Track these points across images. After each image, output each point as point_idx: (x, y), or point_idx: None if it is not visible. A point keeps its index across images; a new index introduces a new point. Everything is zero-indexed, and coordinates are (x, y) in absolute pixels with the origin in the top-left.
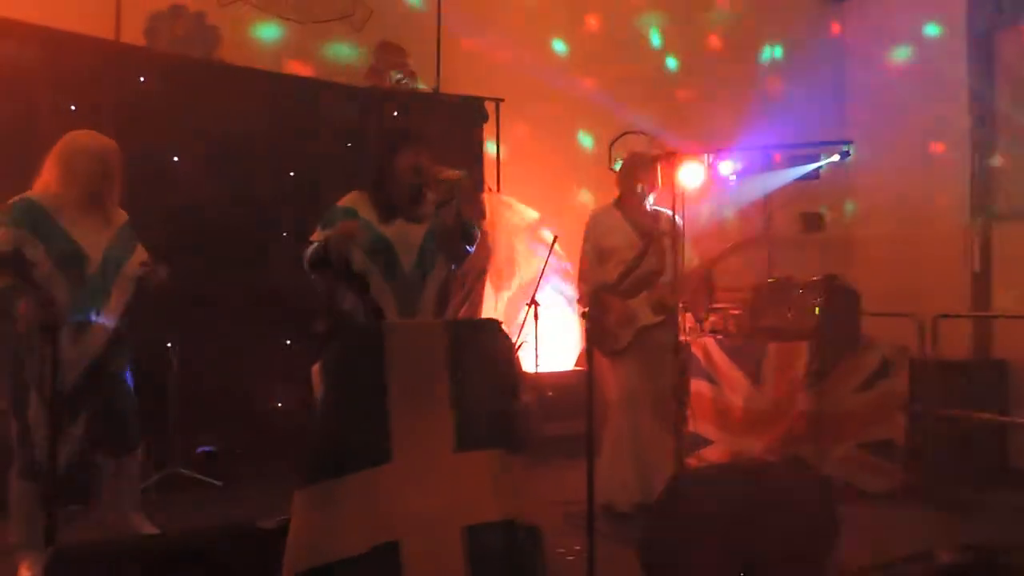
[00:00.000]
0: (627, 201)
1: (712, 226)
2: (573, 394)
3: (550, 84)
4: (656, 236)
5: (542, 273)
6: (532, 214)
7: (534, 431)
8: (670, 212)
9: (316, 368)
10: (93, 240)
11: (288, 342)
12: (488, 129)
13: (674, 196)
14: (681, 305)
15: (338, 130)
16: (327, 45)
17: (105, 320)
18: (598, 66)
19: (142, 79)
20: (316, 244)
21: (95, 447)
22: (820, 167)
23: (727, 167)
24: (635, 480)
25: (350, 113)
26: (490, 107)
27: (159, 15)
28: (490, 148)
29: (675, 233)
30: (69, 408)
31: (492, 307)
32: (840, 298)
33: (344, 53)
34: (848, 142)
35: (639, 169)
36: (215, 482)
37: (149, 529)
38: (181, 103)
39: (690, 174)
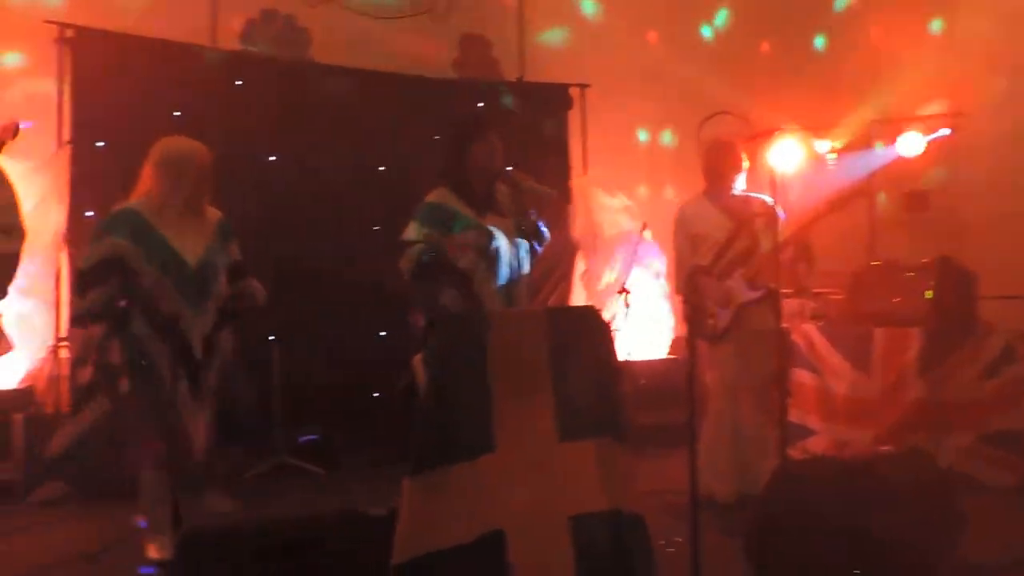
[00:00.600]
0: (714, 188)
1: (810, 207)
2: (665, 382)
3: (638, 67)
4: (747, 217)
5: (632, 260)
6: (621, 201)
7: (628, 420)
8: (763, 196)
9: (417, 358)
10: (191, 244)
11: (383, 333)
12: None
13: (772, 178)
14: (778, 285)
15: (425, 123)
16: (412, 39)
17: (203, 319)
18: (687, 47)
19: (239, 82)
20: (420, 248)
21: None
22: (925, 142)
23: (825, 146)
24: (734, 470)
25: (436, 106)
26: (576, 93)
27: (253, 20)
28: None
29: (768, 214)
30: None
31: (582, 295)
32: (954, 281)
33: (429, 47)
34: (956, 114)
35: (720, 154)
36: (318, 470)
37: (221, 507)
38: (276, 104)
39: (785, 154)
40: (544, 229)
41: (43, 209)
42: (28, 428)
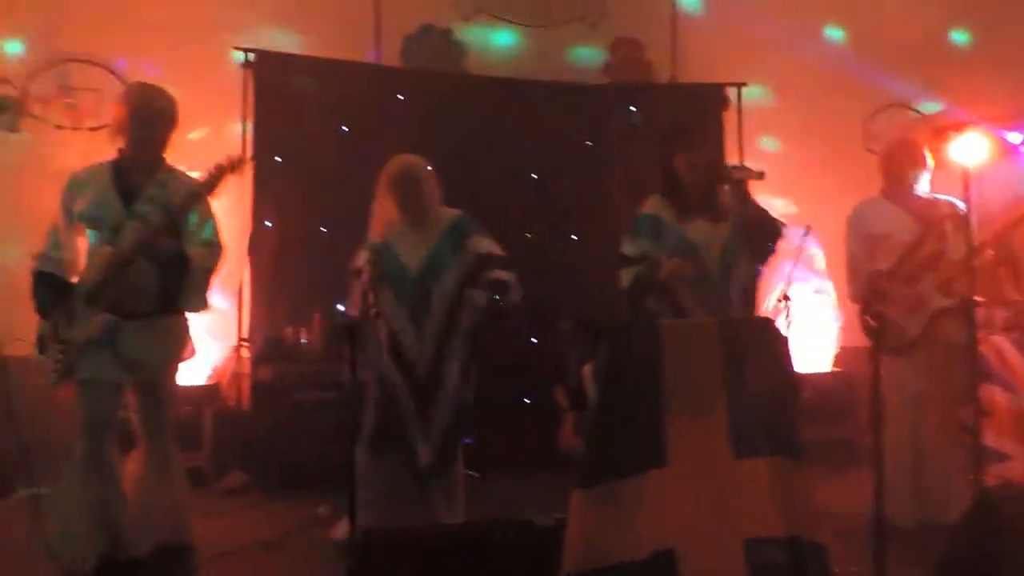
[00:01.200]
0: (895, 188)
1: (1008, 206)
2: (831, 397)
3: (800, 62)
4: (935, 219)
5: (794, 266)
6: (782, 204)
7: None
8: (950, 198)
9: (587, 368)
10: (412, 254)
11: (533, 340)
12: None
13: (964, 175)
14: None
15: (580, 130)
16: (565, 47)
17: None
18: (855, 36)
19: (400, 97)
20: (637, 272)
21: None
22: None
23: (1018, 138)
24: (916, 495)
25: (588, 112)
26: (733, 93)
27: (411, 36)
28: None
29: (957, 217)
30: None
31: None
32: None
33: (582, 53)
34: None
35: (902, 151)
36: (474, 474)
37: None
38: (436, 117)
39: (972, 150)
40: (779, 226)
41: (229, 220)
42: (215, 421)
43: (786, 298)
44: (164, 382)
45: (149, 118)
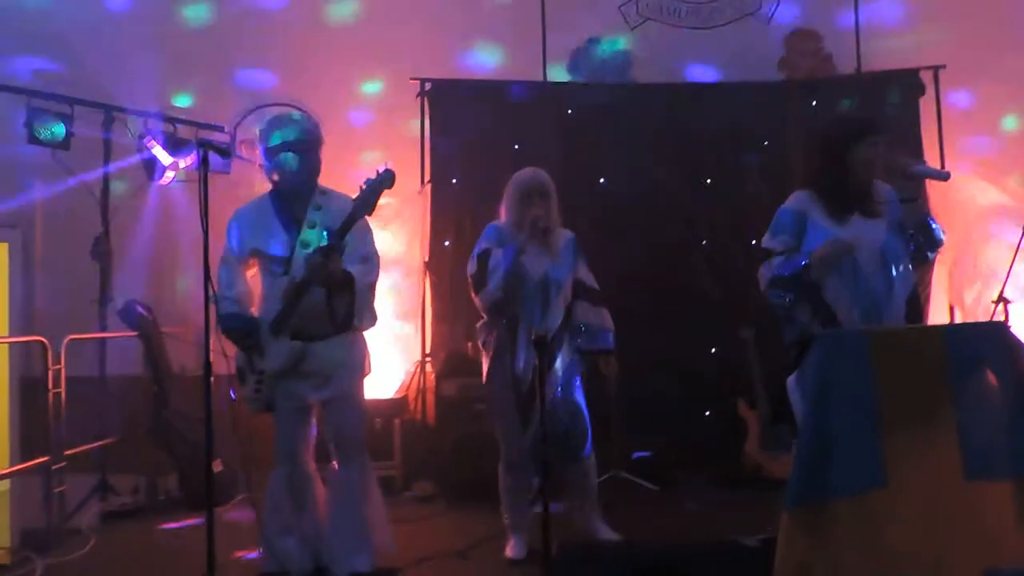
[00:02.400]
0: None
1: None
2: None
3: (1008, 36)
4: None
5: (1012, 264)
6: (997, 195)
7: None
8: None
9: (792, 379)
10: (534, 262)
11: (713, 350)
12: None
13: None
14: None
15: (755, 130)
16: (736, 46)
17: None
18: None
19: (570, 111)
20: (779, 262)
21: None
22: None
23: None
24: None
25: (767, 111)
26: (928, 78)
27: (578, 50)
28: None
29: None
30: (524, 412)
31: (944, 308)
32: None
33: (754, 49)
34: None
35: None
36: (652, 486)
37: (608, 535)
38: (604, 127)
39: None
40: (937, 228)
41: (412, 241)
42: (404, 432)
43: (1003, 299)
44: (352, 398)
45: (305, 151)
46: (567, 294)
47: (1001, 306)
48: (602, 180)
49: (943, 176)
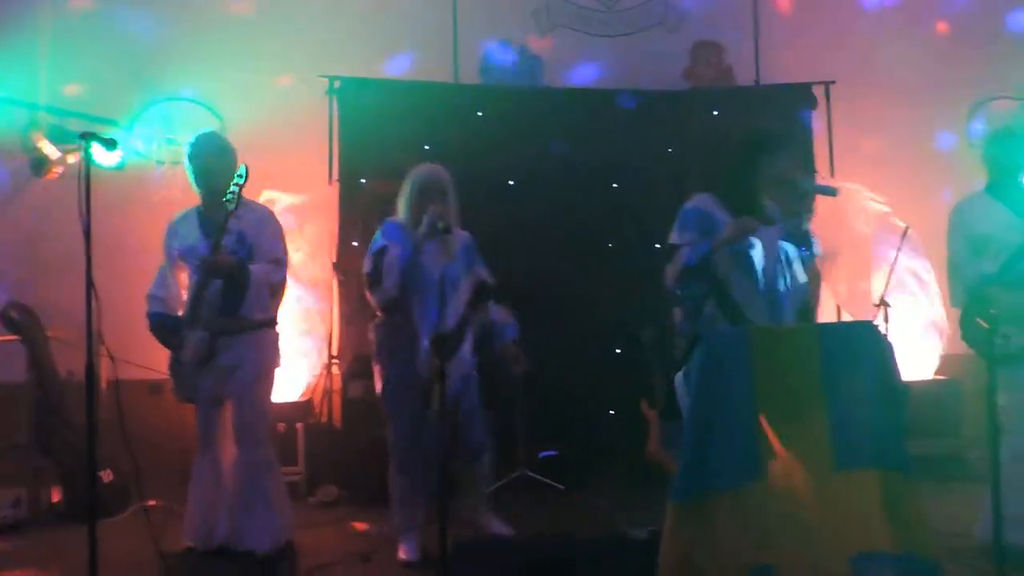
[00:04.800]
0: (1001, 182)
1: None
2: (934, 407)
3: (892, 56)
4: None
5: (892, 270)
6: (880, 206)
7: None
8: None
9: (679, 377)
10: (431, 260)
11: (618, 351)
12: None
13: None
14: None
15: (660, 136)
16: (644, 54)
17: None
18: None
19: (480, 113)
20: (687, 251)
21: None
22: None
23: None
24: None
25: (670, 118)
26: (820, 92)
27: (489, 53)
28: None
29: None
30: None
31: (832, 309)
32: None
33: (661, 59)
34: None
35: (1008, 143)
36: (558, 486)
37: (501, 530)
38: (513, 130)
39: None
40: (814, 240)
41: (320, 242)
42: (308, 436)
43: (884, 303)
44: (256, 392)
45: (208, 168)
46: (463, 293)
47: (882, 309)
48: (511, 182)
49: (832, 192)
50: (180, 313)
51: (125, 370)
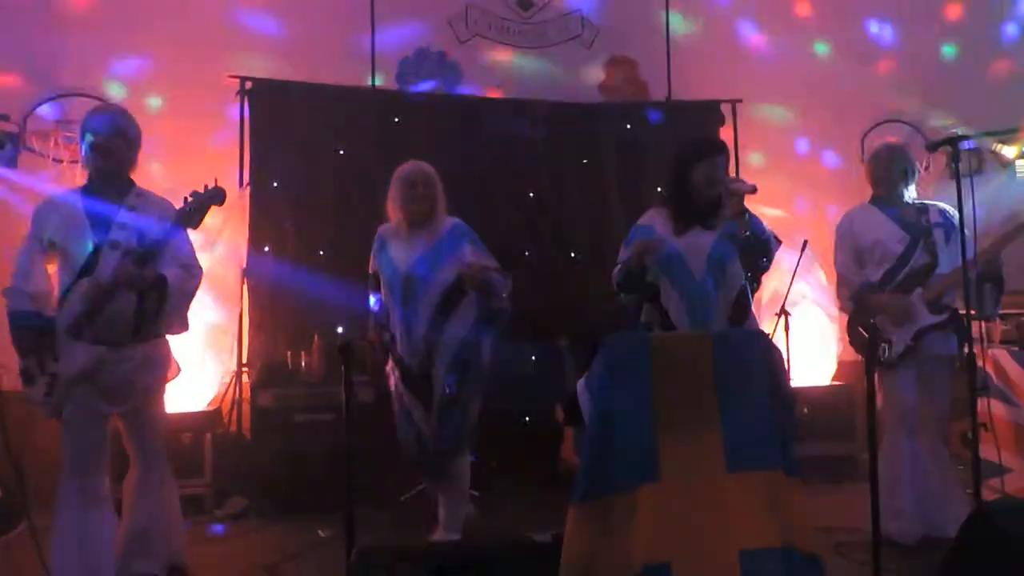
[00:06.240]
0: (883, 196)
1: (999, 220)
2: (830, 411)
3: (795, 79)
4: (925, 228)
5: (792, 280)
6: (783, 214)
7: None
8: (941, 204)
9: (581, 382)
10: (406, 253)
11: (533, 357)
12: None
13: (957, 186)
14: (964, 307)
15: (575, 148)
16: (561, 67)
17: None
18: (852, 56)
19: (396, 119)
20: (620, 265)
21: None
22: None
23: (1013, 151)
24: (916, 509)
25: (584, 130)
26: (728, 110)
27: (407, 59)
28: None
29: (949, 226)
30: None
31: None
32: None
33: (578, 72)
34: None
35: (889, 157)
36: (474, 491)
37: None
38: (429, 137)
39: (966, 161)
40: (769, 233)
41: (228, 247)
42: (215, 446)
43: (784, 312)
44: (150, 407)
45: (109, 142)
46: (439, 292)
47: (782, 317)
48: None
49: (752, 190)
50: (50, 313)
51: (8, 379)
